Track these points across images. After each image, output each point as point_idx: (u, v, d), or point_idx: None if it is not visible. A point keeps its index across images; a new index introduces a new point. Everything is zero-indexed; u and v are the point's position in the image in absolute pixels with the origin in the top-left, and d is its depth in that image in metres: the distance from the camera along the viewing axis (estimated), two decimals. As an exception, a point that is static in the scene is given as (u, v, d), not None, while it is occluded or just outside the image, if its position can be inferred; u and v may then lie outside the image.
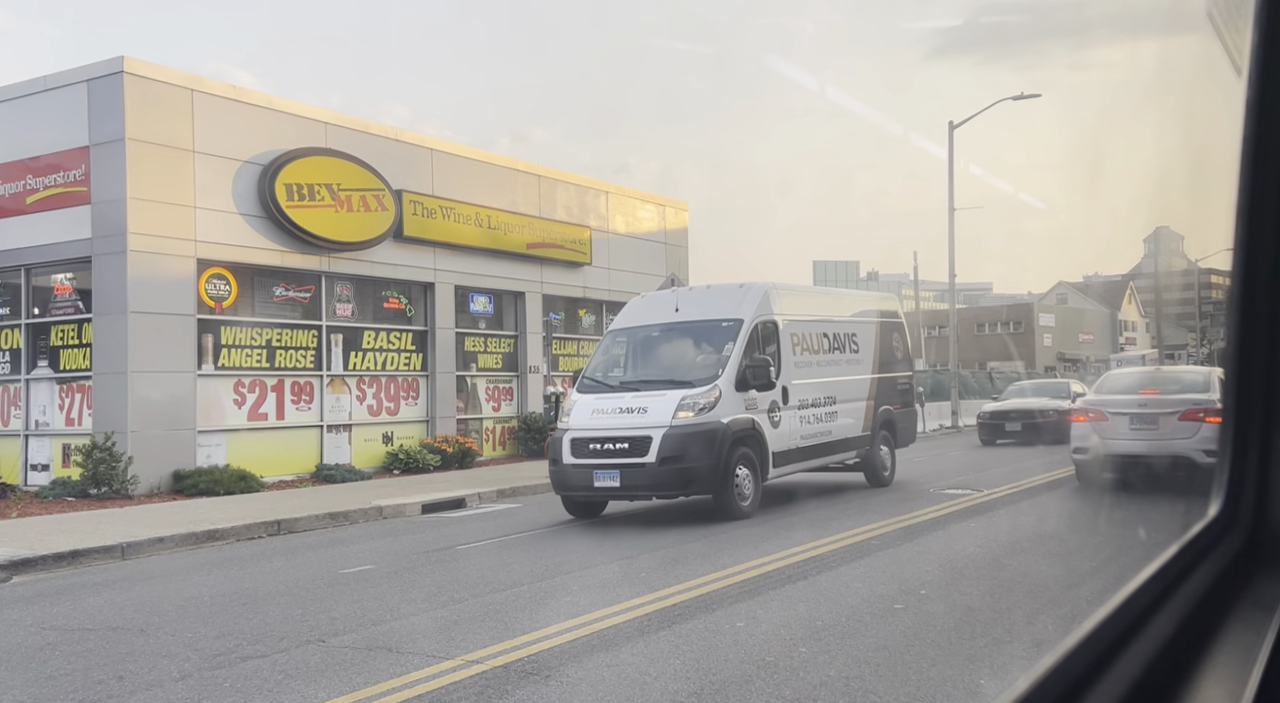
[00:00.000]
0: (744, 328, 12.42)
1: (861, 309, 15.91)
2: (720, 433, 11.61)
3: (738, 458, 11.81)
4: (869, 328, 15.55)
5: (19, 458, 17.36)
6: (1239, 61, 2.25)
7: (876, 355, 15.52)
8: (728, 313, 12.77)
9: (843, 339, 14.69)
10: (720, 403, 11.76)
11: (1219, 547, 2.30)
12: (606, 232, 25.51)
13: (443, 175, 21.02)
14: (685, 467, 11.48)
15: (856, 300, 16.53)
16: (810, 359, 13.66)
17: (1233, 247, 2.33)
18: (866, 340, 15.33)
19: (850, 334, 14.92)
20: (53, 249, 16.74)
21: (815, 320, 14.14)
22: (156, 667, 6.16)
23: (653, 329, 13.36)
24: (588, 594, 7.91)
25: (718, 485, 11.64)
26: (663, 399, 11.80)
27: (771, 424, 12.50)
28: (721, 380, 11.94)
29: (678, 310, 13.13)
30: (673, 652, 6.00)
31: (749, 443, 12.09)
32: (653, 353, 13.30)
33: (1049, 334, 73.72)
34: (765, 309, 12.88)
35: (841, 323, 14.86)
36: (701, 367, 12.42)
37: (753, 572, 8.38)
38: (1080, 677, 1.51)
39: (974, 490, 13.91)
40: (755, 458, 12.13)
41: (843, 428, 14.22)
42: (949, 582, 8.00)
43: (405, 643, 6.55)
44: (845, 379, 14.44)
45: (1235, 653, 1.76)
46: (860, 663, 5.65)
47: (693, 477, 11.54)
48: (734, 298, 13.01)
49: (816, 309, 14.53)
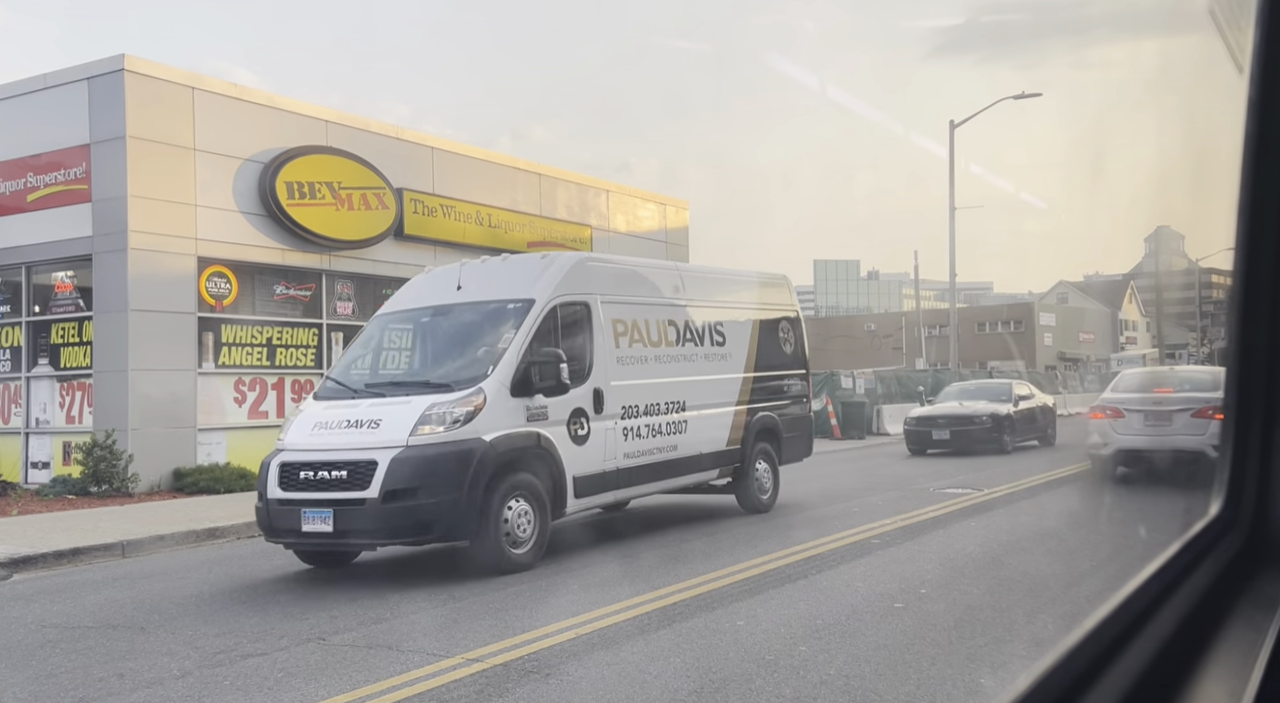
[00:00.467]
0: (533, 312, 9.45)
1: (733, 294, 12.86)
2: (477, 455, 8.55)
3: (509, 488, 8.78)
4: (744, 317, 12.65)
5: (19, 456, 17.38)
6: (1241, 60, 2.25)
7: (753, 350, 12.58)
8: (518, 292, 9.78)
9: (701, 330, 11.74)
10: (484, 413, 8.73)
11: (1220, 546, 2.30)
12: (607, 230, 25.50)
13: (443, 174, 21.02)
14: (418, 504, 8.34)
15: (725, 283, 13.04)
16: (646, 353, 10.75)
17: (1234, 246, 2.33)
18: (739, 332, 12.41)
19: (714, 324, 11.98)
20: (53, 247, 16.74)
21: (656, 304, 11.19)
22: (156, 665, 6.17)
23: (423, 313, 10.42)
24: (588, 592, 7.91)
25: (470, 528, 8.55)
26: (405, 408, 8.75)
27: (573, 439, 9.53)
28: (489, 382, 8.90)
29: (460, 288, 10.16)
30: (673, 650, 6.01)
31: (530, 466, 9.10)
32: (415, 345, 10.60)
33: (1049, 333, 73.71)
34: (573, 287, 9.98)
35: (699, 309, 11.82)
36: (468, 364, 9.45)
37: (753, 571, 8.39)
38: (1081, 675, 1.51)
39: (974, 489, 13.91)
40: (542, 487, 9.13)
41: (698, 441, 11.31)
42: (949, 580, 8.00)
43: (405, 641, 6.56)
44: (703, 380, 11.57)
45: (1236, 652, 1.76)
46: (860, 662, 5.65)
47: (430, 518, 8.40)
48: (531, 272, 10.07)
49: (659, 291, 11.48)
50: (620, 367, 10.34)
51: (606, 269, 10.89)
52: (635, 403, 10.41)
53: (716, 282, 12.84)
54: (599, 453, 9.89)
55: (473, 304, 10.06)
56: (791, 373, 13.44)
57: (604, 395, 9.98)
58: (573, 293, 9.99)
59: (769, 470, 12.58)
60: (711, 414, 11.64)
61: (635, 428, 10.39)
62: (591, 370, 9.94)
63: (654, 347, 10.94)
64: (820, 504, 12.85)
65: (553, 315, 9.66)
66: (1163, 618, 1.85)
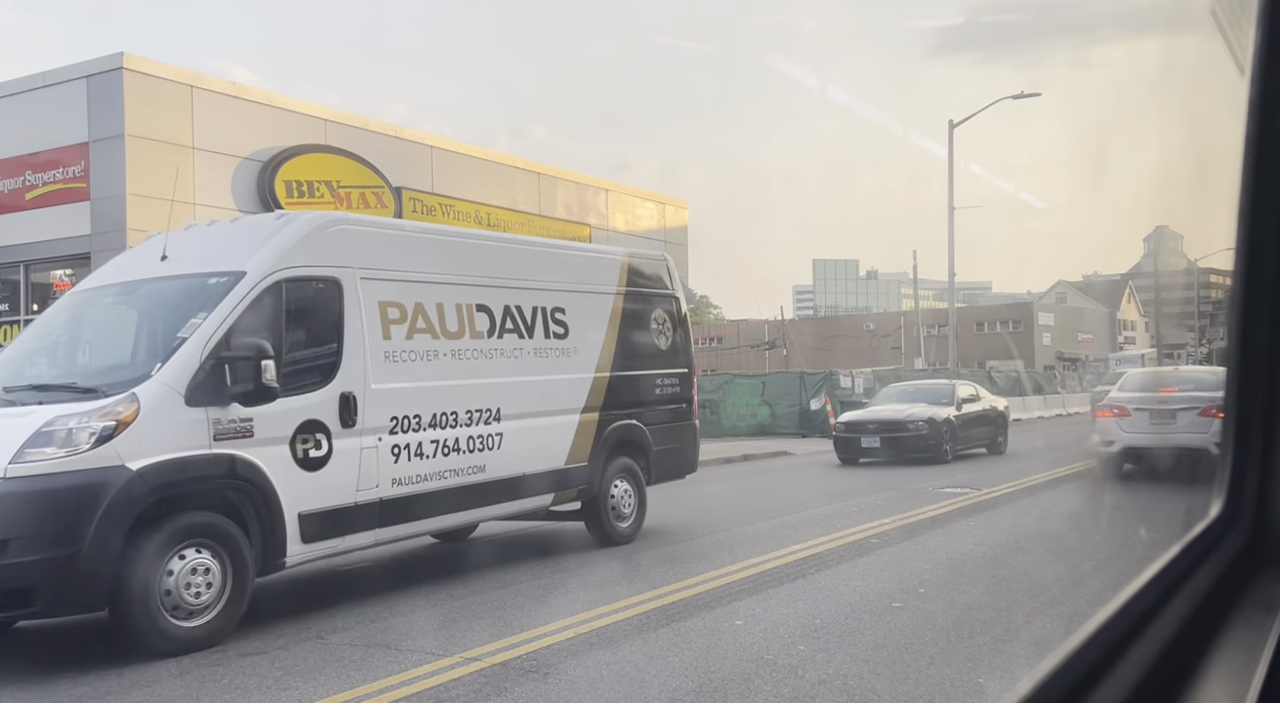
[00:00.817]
0: (238, 289, 7.03)
1: (585, 275, 10.17)
2: (111, 491, 6.09)
3: (173, 535, 6.38)
4: (599, 304, 10.13)
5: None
6: (1242, 60, 2.25)
7: (611, 345, 10.10)
8: (228, 263, 7.36)
9: (531, 318, 9.28)
10: (134, 429, 6.26)
11: (1220, 547, 2.29)
12: (606, 229, 25.52)
13: (442, 173, 21.02)
14: (7, 565, 5.84)
15: (573, 261, 10.43)
16: (437, 347, 8.32)
17: (1235, 246, 2.33)
18: (590, 322, 9.95)
19: (552, 311, 9.50)
20: (52, 245, 16.74)
21: (458, 284, 8.66)
22: (155, 663, 6.15)
23: (109, 292, 8.08)
24: (587, 591, 7.91)
25: (100, 595, 6.18)
26: (19, 423, 6.28)
27: (301, 463, 7.13)
28: (149, 386, 6.48)
29: (164, 259, 7.78)
30: (672, 649, 6.00)
31: (214, 503, 6.71)
32: (81, 335, 8.10)
33: (1048, 333, 73.79)
34: (314, 257, 7.56)
35: (532, 292, 9.34)
36: (129, 362, 7.34)
37: (752, 570, 8.38)
38: (1083, 678, 1.51)
39: (973, 489, 13.91)
40: (239, 532, 6.74)
41: (521, 459, 8.91)
42: (948, 580, 8.00)
43: (403, 640, 6.55)
44: (531, 380, 9.15)
45: (1238, 654, 1.76)
46: (859, 661, 5.65)
47: (27, 584, 5.92)
48: (254, 237, 7.68)
49: (464, 267, 8.84)
50: (391, 365, 7.89)
51: (374, 236, 8.23)
52: (415, 412, 8.00)
53: (560, 259, 10.30)
54: (347, 480, 7.45)
55: (169, 279, 7.61)
56: (668, 373, 10.92)
57: (356, 403, 7.51)
58: (312, 265, 7.53)
59: (631, 492, 10.23)
60: (543, 424, 9.23)
61: (414, 445, 7.96)
62: (339, 370, 7.49)
63: (451, 339, 8.43)
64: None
65: (275, 295, 7.19)
66: (1164, 620, 1.84)
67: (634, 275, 10.69)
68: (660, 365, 10.84)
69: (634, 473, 10.34)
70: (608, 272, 10.46)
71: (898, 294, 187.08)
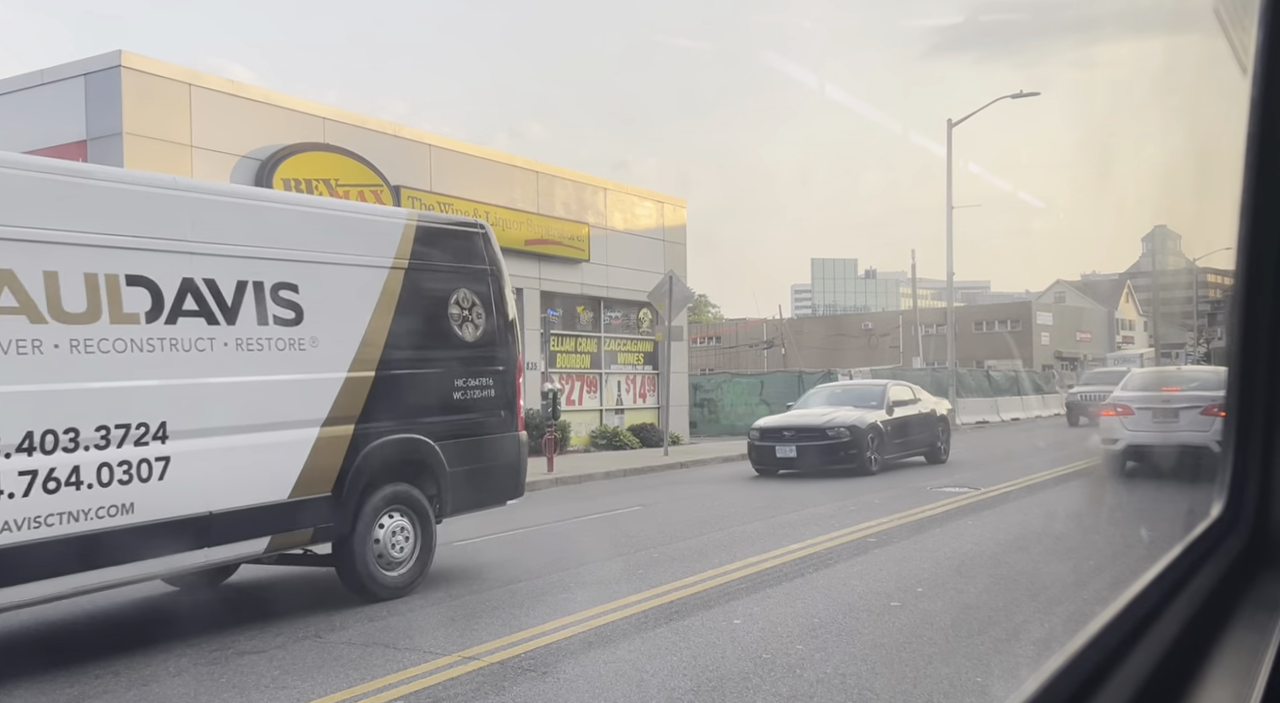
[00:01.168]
0: None
1: (327, 235, 7.66)
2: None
3: None
4: (353, 275, 7.74)
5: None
6: (1244, 60, 2.25)
7: (379, 331, 7.79)
8: None
9: (234, 296, 6.88)
10: None
11: (1222, 547, 2.29)
12: (605, 228, 25.51)
13: (441, 171, 21.01)
14: None
15: (296, 215, 7.68)
16: (36, 335, 5.78)
17: (1236, 245, 2.32)
18: (337, 299, 7.57)
19: (272, 286, 7.11)
20: (50, 243, 16.71)
21: (92, 244, 6.16)
22: (152, 662, 6.15)
23: None
24: (585, 591, 7.90)
25: None
26: None
27: None
28: None
29: None
30: (670, 648, 6.00)
31: None
32: None
33: (1047, 333, 73.81)
34: None
35: (228, 258, 6.88)
36: None
37: (751, 569, 8.38)
38: (1088, 678, 1.51)
39: (972, 488, 13.92)
40: None
41: (202, 493, 6.53)
42: (947, 579, 8.00)
43: (402, 639, 6.55)
44: (228, 383, 6.77)
45: (1240, 654, 1.75)
46: (857, 660, 5.65)
47: None
48: None
49: (102, 219, 6.28)
50: None
51: None
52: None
53: (291, 216, 7.64)
54: None
55: None
56: (477, 371, 8.62)
57: None
58: None
59: (408, 529, 7.96)
60: (250, 443, 6.86)
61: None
62: None
63: (70, 323, 5.96)
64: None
65: None
66: (1166, 621, 1.84)
67: (424, 244, 8.30)
68: (464, 362, 8.52)
69: (415, 504, 8.03)
70: (378, 237, 8.02)
71: (896, 293, 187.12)
